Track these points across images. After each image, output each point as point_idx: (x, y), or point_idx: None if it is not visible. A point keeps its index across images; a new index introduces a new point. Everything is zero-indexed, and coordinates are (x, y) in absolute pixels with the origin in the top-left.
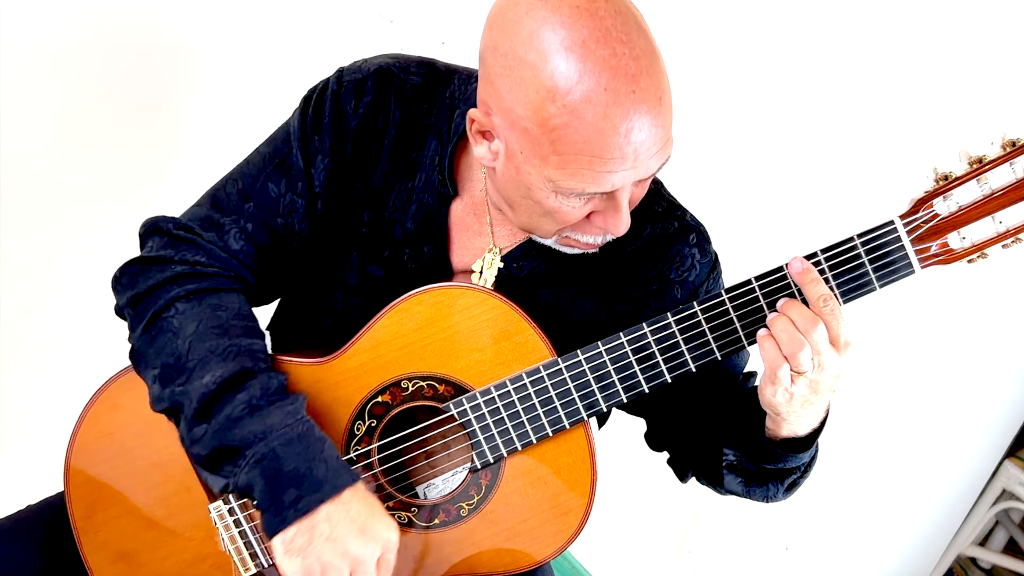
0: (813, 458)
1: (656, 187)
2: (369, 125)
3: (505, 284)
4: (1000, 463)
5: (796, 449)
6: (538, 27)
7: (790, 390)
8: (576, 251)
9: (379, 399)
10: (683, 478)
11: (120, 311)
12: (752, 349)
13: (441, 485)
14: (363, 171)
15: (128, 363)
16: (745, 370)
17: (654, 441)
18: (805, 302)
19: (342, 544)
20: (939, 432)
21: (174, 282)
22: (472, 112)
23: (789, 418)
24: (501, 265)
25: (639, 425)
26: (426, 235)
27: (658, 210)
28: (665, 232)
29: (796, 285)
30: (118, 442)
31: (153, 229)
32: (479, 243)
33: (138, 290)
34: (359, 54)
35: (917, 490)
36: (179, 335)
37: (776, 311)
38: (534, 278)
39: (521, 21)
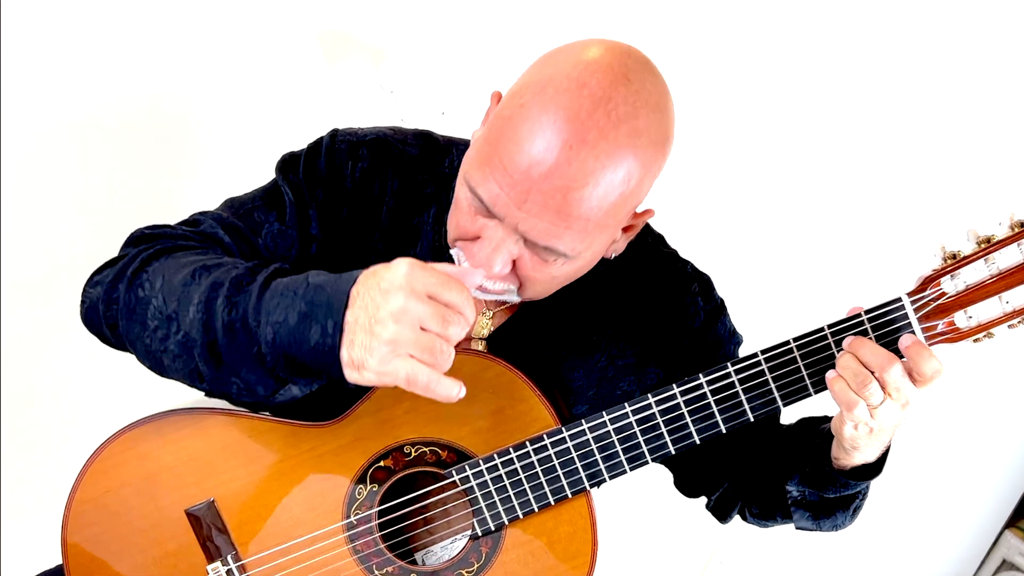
0: None
1: (656, 241)
2: (365, 191)
3: (507, 345)
4: (1000, 533)
5: (867, 475)
6: (568, 56)
7: (870, 424)
8: (489, 297)
9: (381, 464)
10: (724, 520)
11: (90, 312)
12: None
13: (440, 552)
14: (361, 235)
15: (122, 425)
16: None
17: (688, 488)
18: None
19: (378, 335)
20: (940, 503)
21: (143, 251)
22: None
23: (864, 449)
24: (492, 328)
25: (641, 484)
26: None
27: (659, 263)
28: (666, 284)
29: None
30: (115, 504)
31: (127, 241)
32: (479, 306)
33: (108, 277)
34: (359, 124)
35: (919, 560)
36: (153, 295)
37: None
38: (537, 336)
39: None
